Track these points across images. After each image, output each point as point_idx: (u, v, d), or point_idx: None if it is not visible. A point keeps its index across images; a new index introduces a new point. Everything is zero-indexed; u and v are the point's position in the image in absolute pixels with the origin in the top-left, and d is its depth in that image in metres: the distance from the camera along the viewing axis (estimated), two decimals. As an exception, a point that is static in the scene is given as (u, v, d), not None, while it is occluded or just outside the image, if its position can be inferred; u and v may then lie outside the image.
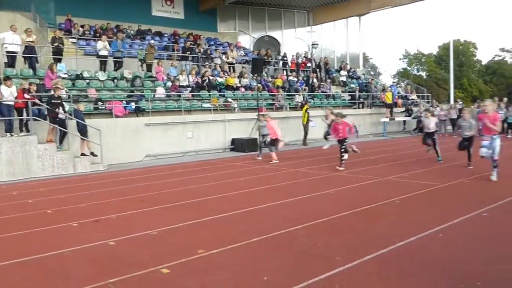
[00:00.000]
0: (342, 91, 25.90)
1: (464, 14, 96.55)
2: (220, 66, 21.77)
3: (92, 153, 13.28)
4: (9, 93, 12.10)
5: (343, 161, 11.34)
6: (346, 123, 11.46)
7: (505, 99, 22.38)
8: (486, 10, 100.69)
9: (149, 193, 8.93)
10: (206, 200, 8.09)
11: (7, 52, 15.28)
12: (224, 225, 6.27)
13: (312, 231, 5.72)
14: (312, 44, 25.55)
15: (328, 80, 26.23)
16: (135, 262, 4.72)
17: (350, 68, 29.53)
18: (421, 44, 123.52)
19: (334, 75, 27.68)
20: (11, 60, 15.43)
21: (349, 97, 24.87)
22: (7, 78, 12.48)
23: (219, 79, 20.39)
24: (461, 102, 26.92)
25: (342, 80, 26.97)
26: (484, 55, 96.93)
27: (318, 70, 26.14)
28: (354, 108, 24.25)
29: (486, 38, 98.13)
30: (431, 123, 12.27)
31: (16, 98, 12.21)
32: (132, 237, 5.73)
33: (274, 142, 13.67)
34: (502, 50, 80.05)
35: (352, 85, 26.50)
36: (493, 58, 79.41)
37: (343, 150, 11.43)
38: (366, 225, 5.99)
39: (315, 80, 24.66)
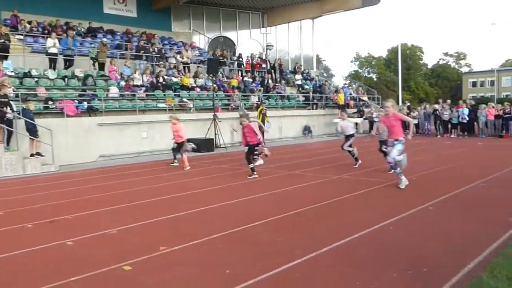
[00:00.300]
0: (297, 92, 26.40)
1: (411, 19, 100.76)
2: (175, 66, 21.61)
3: (38, 153, 12.77)
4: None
5: (254, 167, 10.35)
6: (251, 126, 10.21)
7: (449, 101, 23.75)
8: (432, 16, 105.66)
9: (104, 194, 8.80)
10: (162, 200, 8.08)
11: None
12: (182, 224, 6.32)
13: (270, 228, 5.88)
14: (267, 46, 25.86)
15: (283, 81, 26.67)
16: (96, 261, 4.68)
17: (304, 70, 30.13)
18: (371, 47, 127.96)
19: (289, 76, 28.16)
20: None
21: (303, 98, 25.41)
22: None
23: (174, 79, 20.25)
24: (408, 104, 28.22)
25: (297, 84, 27.50)
26: (429, 59, 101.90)
27: (273, 71, 26.51)
28: (308, 109, 24.81)
29: (431, 42, 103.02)
30: (348, 126, 11.51)
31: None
32: (90, 237, 5.66)
33: (180, 146, 12.58)
34: (446, 54, 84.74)
35: (306, 87, 27.07)
36: (438, 62, 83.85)
37: (254, 156, 10.57)
38: (321, 220, 6.22)
39: (270, 81, 25.01)
